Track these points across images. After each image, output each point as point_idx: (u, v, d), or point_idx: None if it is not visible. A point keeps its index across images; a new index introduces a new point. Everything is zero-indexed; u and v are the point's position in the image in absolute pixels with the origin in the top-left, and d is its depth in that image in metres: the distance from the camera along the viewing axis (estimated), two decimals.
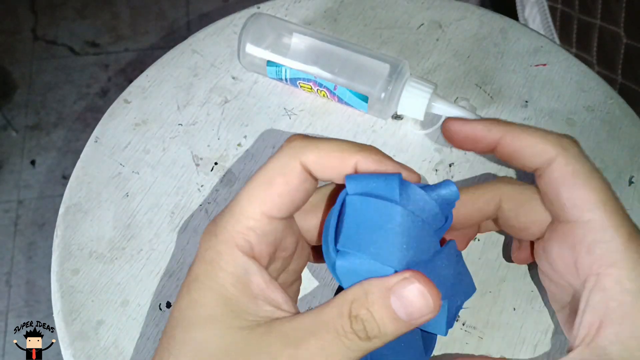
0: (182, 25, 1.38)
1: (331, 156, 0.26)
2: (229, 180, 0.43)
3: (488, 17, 0.50)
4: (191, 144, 0.44)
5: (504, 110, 0.45)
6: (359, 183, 0.25)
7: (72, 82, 1.29)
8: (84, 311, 0.38)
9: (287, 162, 0.26)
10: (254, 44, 0.44)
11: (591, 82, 0.47)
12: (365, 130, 0.45)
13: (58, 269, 0.39)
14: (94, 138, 0.45)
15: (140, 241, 0.40)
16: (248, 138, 0.45)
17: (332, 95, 0.44)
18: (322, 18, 0.50)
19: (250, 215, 0.25)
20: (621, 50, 0.74)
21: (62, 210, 0.41)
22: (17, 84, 1.29)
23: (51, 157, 1.21)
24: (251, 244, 0.25)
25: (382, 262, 0.24)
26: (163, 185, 0.42)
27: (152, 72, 0.48)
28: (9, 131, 1.23)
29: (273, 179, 0.25)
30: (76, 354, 0.36)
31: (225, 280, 0.24)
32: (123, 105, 0.46)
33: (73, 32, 1.36)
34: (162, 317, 0.38)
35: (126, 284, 0.39)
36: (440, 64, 0.48)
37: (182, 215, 0.41)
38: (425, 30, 0.50)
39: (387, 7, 0.51)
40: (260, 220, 0.25)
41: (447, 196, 0.26)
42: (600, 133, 0.44)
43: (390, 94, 0.42)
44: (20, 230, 1.13)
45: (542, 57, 0.48)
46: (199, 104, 0.46)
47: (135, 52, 1.34)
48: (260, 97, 0.46)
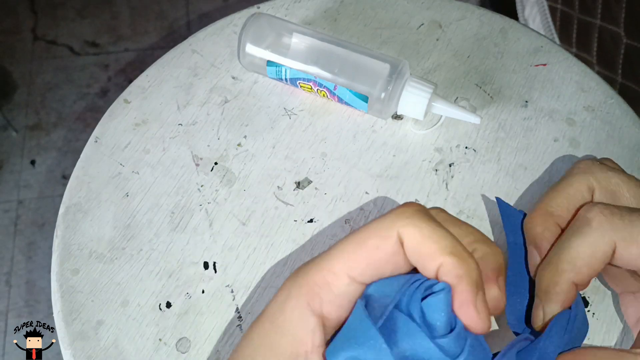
0: (182, 25, 1.38)
1: (426, 242, 0.24)
2: (229, 180, 0.43)
3: (488, 17, 0.50)
4: (191, 144, 0.44)
5: (504, 110, 0.45)
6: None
7: (72, 82, 1.29)
8: (84, 311, 0.38)
9: (386, 231, 0.24)
10: (254, 44, 0.44)
11: (591, 82, 0.47)
12: (365, 130, 0.45)
13: (58, 269, 0.39)
14: (94, 138, 0.45)
15: (140, 241, 0.40)
16: (248, 138, 0.45)
17: (332, 95, 0.44)
18: (322, 18, 0.50)
19: (333, 272, 0.24)
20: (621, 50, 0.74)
21: (62, 210, 0.41)
22: (17, 84, 1.29)
23: (51, 157, 1.21)
24: (322, 301, 0.24)
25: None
26: (163, 185, 0.42)
27: (152, 72, 0.48)
28: (9, 131, 1.23)
29: (365, 242, 0.24)
30: (76, 354, 0.36)
31: (288, 343, 0.24)
32: (123, 105, 0.46)
33: (73, 32, 1.36)
34: (162, 317, 0.38)
35: (126, 284, 0.39)
36: (440, 64, 0.48)
37: (182, 215, 0.41)
38: (425, 30, 0.50)
39: (387, 7, 0.51)
40: (342, 279, 0.24)
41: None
42: (600, 133, 0.44)
43: (390, 94, 0.42)
44: (20, 230, 1.13)
45: (542, 57, 0.48)
46: (199, 104, 0.46)
47: (135, 52, 1.34)
48: (260, 97, 0.46)
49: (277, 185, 0.42)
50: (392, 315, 0.24)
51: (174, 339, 0.37)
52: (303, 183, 0.42)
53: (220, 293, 0.38)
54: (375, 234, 0.24)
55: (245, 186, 0.42)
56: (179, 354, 0.36)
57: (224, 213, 0.41)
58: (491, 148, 0.44)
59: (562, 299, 0.28)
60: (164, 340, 0.37)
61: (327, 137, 0.44)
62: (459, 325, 0.24)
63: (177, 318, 0.37)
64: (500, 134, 0.44)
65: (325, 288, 0.24)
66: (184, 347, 0.37)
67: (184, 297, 0.38)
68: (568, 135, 0.44)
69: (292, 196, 0.42)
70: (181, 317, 0.37)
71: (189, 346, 0.37)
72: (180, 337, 0.37)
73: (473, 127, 0.45)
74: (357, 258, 0.24)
